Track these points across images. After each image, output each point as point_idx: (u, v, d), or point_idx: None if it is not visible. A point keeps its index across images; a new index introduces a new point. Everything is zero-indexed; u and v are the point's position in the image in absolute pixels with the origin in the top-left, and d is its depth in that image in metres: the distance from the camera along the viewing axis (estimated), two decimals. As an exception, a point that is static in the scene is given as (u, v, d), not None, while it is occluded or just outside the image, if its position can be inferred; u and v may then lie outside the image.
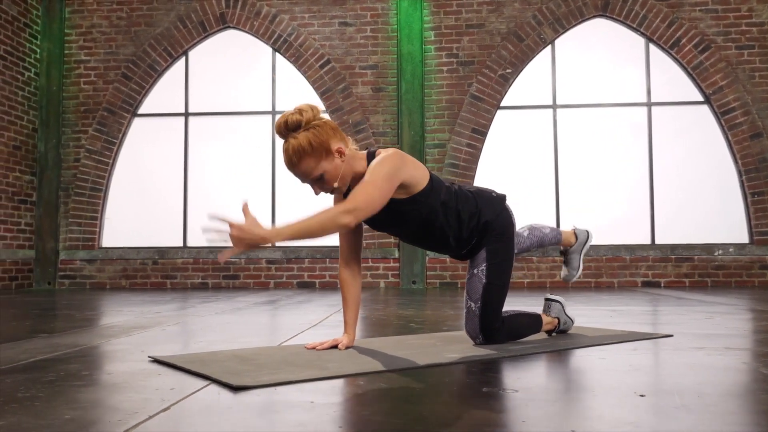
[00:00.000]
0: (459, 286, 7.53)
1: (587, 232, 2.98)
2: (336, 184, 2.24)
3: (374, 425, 1.36)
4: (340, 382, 1.82)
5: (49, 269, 7.97)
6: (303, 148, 2.15)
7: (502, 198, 2.56)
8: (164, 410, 1.49)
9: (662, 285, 7.40)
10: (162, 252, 7.92)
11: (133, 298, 5.72)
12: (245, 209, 1.97)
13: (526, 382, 1.81)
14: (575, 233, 2.96)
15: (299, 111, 2.20)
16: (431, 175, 2.39)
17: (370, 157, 2.31)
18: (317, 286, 7.72)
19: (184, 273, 7.88)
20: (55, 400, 1.60)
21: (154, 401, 1.58)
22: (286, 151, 2.18)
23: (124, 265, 7.94)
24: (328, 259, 7.72)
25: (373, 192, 2.12)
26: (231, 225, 1.92)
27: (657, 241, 7.54)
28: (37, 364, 2.14)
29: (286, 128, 2.18)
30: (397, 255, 7.66)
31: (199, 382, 1.81)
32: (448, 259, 7.59)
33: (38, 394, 1.67)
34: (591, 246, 7.41)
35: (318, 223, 2.02)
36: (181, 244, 7.99)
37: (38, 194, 8.04)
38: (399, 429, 1.33)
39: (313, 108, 2.23)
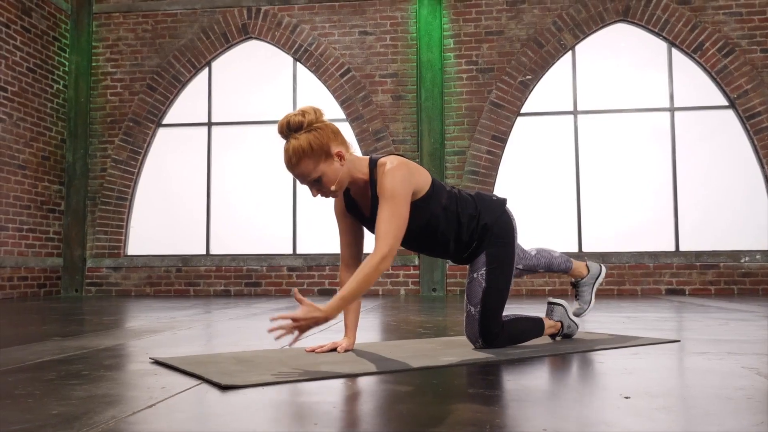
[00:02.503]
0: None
1: (600, 266, 2.92)
2: (333, 188, 2.25)
3: (350, 423, 1.38)
4: (330, 382, 1.84)
5: (77, 277, 8.14)
6: (303, 149, 2.17)
7: (502, 202, 2.56)
8: (149, 407, 1.53)
9: (687, 293, 7.28)
10: (185, 260, 8.03)
11: (154, 305, 5.82)
12: (297, 297, 2.02)
13: (514, 384, 1.81)
14: (587, 266, 2.90)
15: (302, 112, 2.22)
16: (432, 180, 2.39)
17: (372, 165, 2.31)
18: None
19: (207, 280, 7.98)
20: (48, 397, 1.65)
21: (142, 399, 1.62)
22: (286, 151, 2.20)
23: (148, 272, 8.08)
24: (348, 267, 7.74)
25: (398, 221, 2.18)
26: (293, 319, 2.00)
27: (681, 248, 7.43)
28: (42, 365, 2.20)
29: (288, 128, 2.20)
30: (417, 262, 7.67)
31: (191, 382, 1.85)
32: (468, 267, 7.55)
33: (34, 392, 1.72)
34: (614, 253, 7.34)
35: (364, 282, 2.12)
36: (204, 252, 8.10)
37: (66, 203, 8.23)
38: (374, 426, 1.34)
39: (316, 110, 2.24)
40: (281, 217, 8.02)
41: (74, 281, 8.15)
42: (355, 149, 2.32)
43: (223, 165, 8.19)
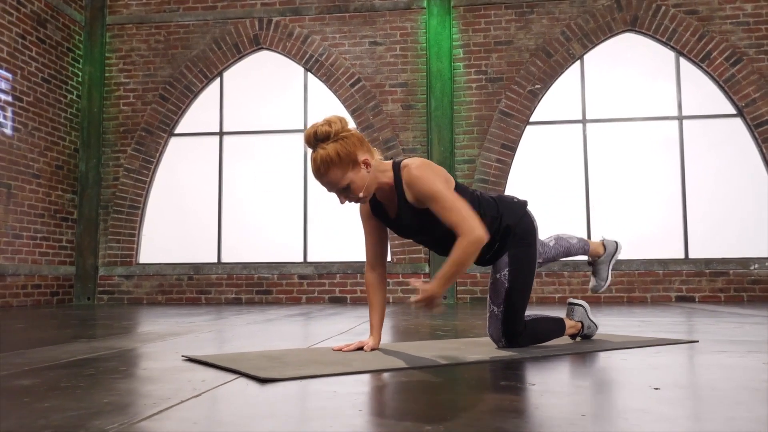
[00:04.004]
0: (489, 301, 7.53)
1: (616, 243, 2.95)
2: (361, 194, 2.31)
3: (392, 409, 1.43)
4: (363, 376, 1.89)
5: (89, 285, 8.20)
6: (331, 158, 2.23)
7: (523, 203, 2.61)
8: (195, 396, 1.58)
9: (697, 300, 7.31)
10: (197, 268, 8.09)
11: (168, 312, 5.87)
12: (416, 281, 2.17)
13: (544, 378, 1.86)
14: (603, 244, 2.93)
15: (328, 122, 2.28)
16: (456, 182, 2.45)
17: (396, 168, 2.37)
18: (348, 301, 7.80)
19: (218, 288, 8.04)
20: (94, 388, 1.70)
21: (186, 390, 1.67)
22: (314, 161, 2.26)
23: (160, 280, 8.14)
24: (359, 275, 7.80)
25: (458, 206, 2.23)
26: (420, 289, 2.13)
27: (691, 256, 7.46)
28: (78, 362, 2.26)
29: (315, 139, 2.26)
30: (427, 270, 7.71)
31: (229, 376, 1.90)
32: (478, 275, 7.61)
33: (79, 384, 1.77)
34: (623, 260, 7.38)
35: (465, 255, 2.18)
36: (215, 260, 8.16)
37: (79, 212, 8.30)
38: (416, 413, 1.39)
39: (341, 120, 2.30)
40: (292, 225, 8.08)
41: (86, 289, 8.21)
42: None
43: (235, 174, 8.26)
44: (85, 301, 8.19)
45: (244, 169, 8.26)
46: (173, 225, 8.29)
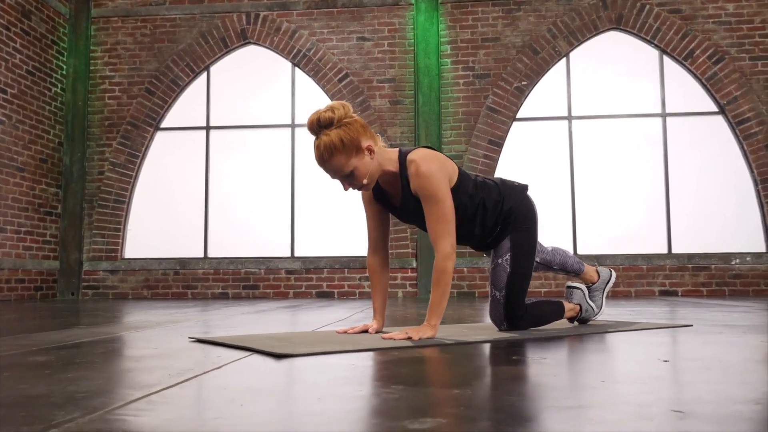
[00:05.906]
0: (476, 295, 7.59)
1: (610, 272, 2.98)
2: (365, 181, 2.31)
3: (415, 378, 1.46)
4: (376, 353, 1.92)
5: (73, 280, 8.12)
6: (334, 144, 2.23)
7: (524, 187, 2.65)
8: (217, 368, 1.59)
9: (680, 294, 7.43)
10: (183, 263, 8.05)
11: (156, 305, 5.84)
12: (390, 336, 2.25)
13: (553, 353, 1.90)
14: (598, 271, 2.95)
15: (331, 108, 2.27)
16: (459, 170, 2.47)
17: (402, 158, 2.39)
18: (336, 296, 7.81)
19: (205, 283, 8.00)
20: (110, 363, 1.71)
21: (205, 364, 1.69)
22: (317, 147, 2.25)
23: (146, 275, 8.08)
24: (346, 269, 7.82)
25: (446, 218, 2.29)
26: (409, 338, 2.20)
27: (674, 251, 7.58)
28: (84, 344, 2.25)
29: (318, 125, 2.26)
30: (414, 265, 7.74)
31: (243, 353, 1.91)
32: (465, 269, 7.66)
33: (95, 360, 1.77)
34: (608, 255, 7.47)
35: (442, 285, 2.28)
36: (201, 255, 8.13)
37: (63, 206, 8.22)
38: (439, 380, 1.42)
39: (344, 106, 2.30)
40: (279, 220, 8.07)
41: (70, 284, 8.12)
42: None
43: (222, 168, 8.23)
44: (69, 296, 8.11)
45: (231, 164, 8.23)
46: (159, 220, 8.24)
